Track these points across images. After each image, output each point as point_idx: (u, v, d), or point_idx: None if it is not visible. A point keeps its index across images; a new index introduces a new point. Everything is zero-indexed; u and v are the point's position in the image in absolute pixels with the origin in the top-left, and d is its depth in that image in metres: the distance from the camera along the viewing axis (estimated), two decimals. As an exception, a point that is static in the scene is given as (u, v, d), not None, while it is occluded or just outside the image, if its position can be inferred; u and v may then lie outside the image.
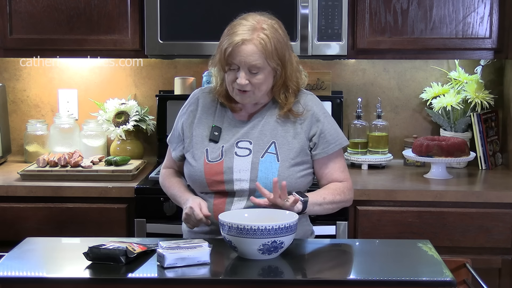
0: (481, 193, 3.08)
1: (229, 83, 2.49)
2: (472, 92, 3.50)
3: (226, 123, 2.57)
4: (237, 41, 2.42)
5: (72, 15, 3.33)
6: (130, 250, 2.17)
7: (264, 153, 2.51)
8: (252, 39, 2.43)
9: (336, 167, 2.58)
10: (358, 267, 2.29)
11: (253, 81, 2.45)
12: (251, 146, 2.52)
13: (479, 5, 3.27)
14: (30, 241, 2.42)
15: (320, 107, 2.60)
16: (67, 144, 3.59)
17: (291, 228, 2.19)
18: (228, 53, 2.43)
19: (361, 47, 3.31)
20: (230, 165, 2.49)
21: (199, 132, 2.56)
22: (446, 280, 2.07)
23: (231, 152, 2.52)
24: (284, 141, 2.53)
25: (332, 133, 2.57)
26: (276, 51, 2.45)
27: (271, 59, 2.44)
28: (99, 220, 3.10)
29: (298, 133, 2.54)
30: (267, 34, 2.44)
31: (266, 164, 2.49)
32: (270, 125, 2.55)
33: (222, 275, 2.20)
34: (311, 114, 2.56)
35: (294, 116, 2.55)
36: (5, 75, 3.70)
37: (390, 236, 3.03)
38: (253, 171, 2.48)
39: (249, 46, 2.42)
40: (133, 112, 3.55)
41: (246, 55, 2.42)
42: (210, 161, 2.51)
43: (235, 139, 2.53)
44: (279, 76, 2.50)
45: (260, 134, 2.53)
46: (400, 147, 3.64)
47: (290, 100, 2.54)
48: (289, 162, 2.51)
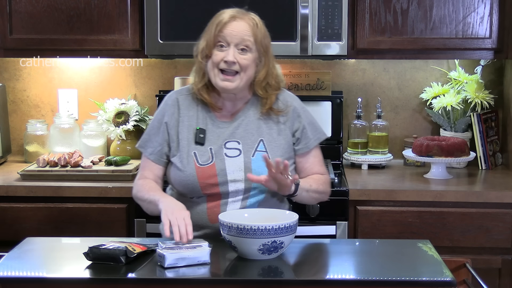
0: (481, 193, 3.08)
1: (214, 66, 2.46)
2: (472, 92, 3.50)
3: (210, 124, 2.54)
4: (229, 17, 2.44)
5: (72, 15, 3.33)
6: (130, 250, 2.18)
7: (254, 152, 2.51)
8: (244, 18, 2.46)
9: (316, 161, 2.61)
10: (358, 267, 2.29)
11: (241, 61, 2.44)
12: (240, 146, 2.51)
13: (479, 5, 3.27)
14: (30, 241, 2.42)
15: (299, 102, 2.62)
16: (67, 144, 3.59)
17: (291, 228, 2.19)
18: (219, 29, 2.43)
19: (361, 47, 3.31)
20: (223, 167, 2.48)
21: (184, 136, 2.52)
22: (446, 280, 2.07)
23: (221, 153, 2.50)
24: (271, 138, 2.54)
25: (312, 128, 2.60)
26: (264, 38, 2.48)
27: (260, 44, 2.46)
28: (99, 220, 3.10)
29: (282, 130, 2.56)
30: (257, 18, 2.49)
31: (258, 163, 2.49)
32: (254, 124, 2.54)
33: (222, 275, 2.20)
34: (292, 110, 2.58)
35: (275, 114, 2.55)
36: (5, 75, 3.70)
37: (390, 236, 3.03)
38: (246, 171, 2.48)
39: (241, 23, 2.45)
40: (133, 112, 3.55)
41: (238, 30, 2.43)
42: (201, 165, 2.48)
43: (222, 140, 2.52)
44: (262, 66, 2.49)
45: (247, 133, 2.53)
46: (400, 147, 3.64)
47: (272, 96, 2.54)
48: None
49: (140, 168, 2.61)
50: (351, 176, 3.32)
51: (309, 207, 3.03)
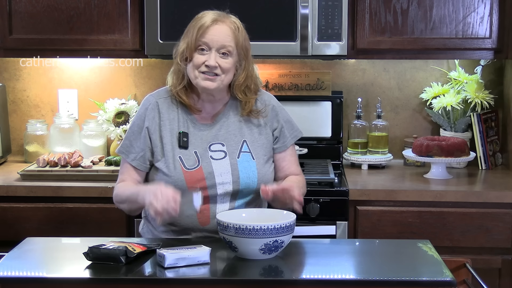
0: (481, 193, 3.08)
1: (194, 69, 2.44)
2: (472, 92, 3.50)
3: (191, 127, 2.52)
4: (211, 21, 2.43)
5: (72, 15, 3.33)
6: (130, 250, 2.17)
7: (239, 153, 2.51)
8: (225, 22, 2.45)
9: (292, 160, 2.61)
10: (358, 267, 2.29)
11: (222, 64, 2.43)
12: (224, 148, 2.51)
13: (479, 5, 3.27)
14: (30, 241, 2.42)
15: (276, 101, 2.62)
16: (67, 144, 3.59)
17: (291, 227, 2.20)
18: (201, 33, 2.42)
19: (361, 47, 3.31)
20: (210, 170, 2.47)
21: (168, 140, 2.49)
22: (446, 280, 2.07)
23: (207, 156, 2.48)
24: (253, 138, 2.54)
25: (288, 126, 2.60)
26: (244, 42, 2.47)
27: (240, 48, 2.45)
28: (99, 220, 3.10)
29: (263, 129, 2.56)
30: (238, 22, 2.48)
31: (244, 164, 2.49)
32: (235, 125, 2.54)
33: (222, 275, 2.20)
34: (271, 109, 2.58)
35: (255, 116, 2.55)
36: (5, 75, 3.70)
37: (390, 236, 3.03)
38: (234, 173, 2.47)
39: (223, 27, 2.44)
40: (133, 112, 3.55)
41: (219, 35, 2.42)
42: (188, 169, 2.46)
43: (206, 143, 2.50)
44: (242, 69, 2.49)
45: (229, 135, 2.52)
46: (400, 147, 3.64)
47: (252, 99, 2.53)
48: (262, 158, 2.53)
49: (119, 173, 2.56)
50: (351, 176, 3.32)
51: (309, 207, 3.03)
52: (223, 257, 2.26)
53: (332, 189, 3.08)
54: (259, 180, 2.48)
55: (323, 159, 3.52)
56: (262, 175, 2.50)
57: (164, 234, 2.53)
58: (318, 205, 3.04)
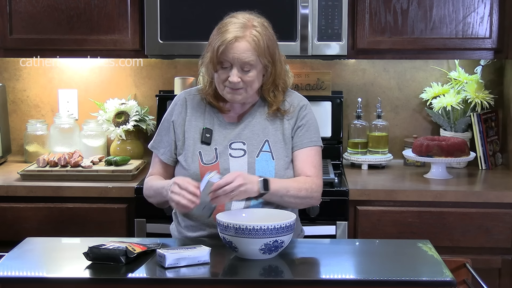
0: (481, 193, 3.08)
1: (220, 82, 2.48)
2: (472, 92, 3.50)
3: (217, 125, 2.56)
4: (230, 39, 2.42)
5: (72, 15, 3.33)
6: (130, 250, 2.18)
7: (258, 152, 2.52)
8: (245, 36, 2.43)
9: (308, 161, 2.55)
10: (358, 267, 2.29)
11: (245, 78, 2.45)
12: (245, 147, 2.52)
13: (479, 5, 3.27)
14: (30, 241, 2.42)
15: (307, 102, 2.61)
16: (67, 144, 3.59)
17: (291, 227, 2.20)
18: (221, 51, 2.43)
19: (361, 47, 3.31)
20: (227, 167, 2.49)
21: (191, 135, 2.55)
22: (446, 280, 2.07)
23: (226, 154, 2.51)
24: (276, 139, 2.54)
25: (310, 129, 2.57)
26: (268, 49, 2.47)
27: (263, 57, 2.45)
28: (99, 220, 3.10)
29: (286, 129, 2.56)
30: (259, 32, 2.46)
31: (262, 163, 2.50)
32: (260, 125, 2.55)
33: (222, 275, 2.20)
34: (300, 108, 2.58)
35: (282, 114, 2.56)
36: (5, 75, 3.70)
37: (390, 236, 3.03)
38: (250, 171, 2.48)
39: (242, 43, 2.43)
40: (133, 112, 3.55)
41: (239, 52, 2.42)
42: (205, 164, 2.50)
43: (228, 141, 2.53)
44: (269, 74, 2.50)
45: (252, 134, 2.54)
46: (400, 147, 3.64)
47: (279, 98, 2.55)
48: (283, 160, 2.52)
49: (150, 167, 2.67)
50: (351, 176, 3.32)
51: (309, 207, 3.03)
52: (223, 257, 2.26)
53: (332, 189, 3.08)
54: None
55: (323, 159, 3.49)
56: (280, 176, 2.49)
57: (185, 229, 2.55)
58: (318, 205, 3.03)
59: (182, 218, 2.57)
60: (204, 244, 2.23)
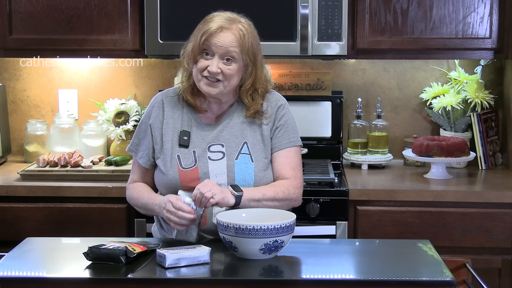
0: (481, 193, 3.08)
1: (198, 72, 2.45)
2: (472, 92, 3.50)
3: (194, 126, 2.52)
4: (215, 28, 2.42)
5: (72, 15, 3.33)
6: (130, 250, 2.18)
7: (237, 154, 2.49)
8: (231, 28, 2.43)
9: (286, 163, 2.52)
10: (358, 267, 2.29)
11: (225, 70, 2.43)
12: (223, 149, 2.49)
13: (479, 5, 3.27)
14: (30, 241, 2.42)
15: (285, 101, 2.58)
16: (67, 144, 3.59)
17: (291, 227, 2.20)
18: (205, 38, 2.41)
19: (361, 47, 3.31)
20: (206, 170, 2.46)
21: (169, 138, 2.51)
22: (446, 280, 2.07)
23: (204, 157, 2.48)
24: (255, 140, 2.52)
25: (288, 130, 2.54)
26: (251, 47, 2.45)
27: (246, 54, 2.44)
28: (99, 220, 3.10)
29: (265, 131, 2.52)
30: (245, 28, 2.46)
31: (242, 166, 2.48)
32: (239, 126, 2.52)
33: (222, 275, 2.20)
34: (277, 108, 2.55)
35: (259, 118, 2.53)
36: (5, 75, 3.70)
37: (390, 236, 3.03)
38: (229, 174, 2.47)
39: (228, 34, 2.42)
40: (133, 112, 3.55)
41: (223, 42, 2.41)
42: (184, 168, 2.47)
43: (206, 144, 2.50)
44: (249, 74, 2.48)
45: (231, 136, 2.51)
46: (400, 147, 3.64)
47: (258, 101, 2.52)
48: (262, 161, 2.50)
49: (131, 172, 2.62)
50: (351, 176, 3.32)
51: (309, 207, 3.03)
52: (223, 257, 2.26)
53: (332, 189, 3.08)
54: (256, 183, 2.47)
55: (323, 159, 3.52)
56: (260, 178, 2.48)
57: (168, 232, 2.54)
58: (318, 205, 3.04)
59: (163, 221, 2.54)
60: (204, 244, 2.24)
